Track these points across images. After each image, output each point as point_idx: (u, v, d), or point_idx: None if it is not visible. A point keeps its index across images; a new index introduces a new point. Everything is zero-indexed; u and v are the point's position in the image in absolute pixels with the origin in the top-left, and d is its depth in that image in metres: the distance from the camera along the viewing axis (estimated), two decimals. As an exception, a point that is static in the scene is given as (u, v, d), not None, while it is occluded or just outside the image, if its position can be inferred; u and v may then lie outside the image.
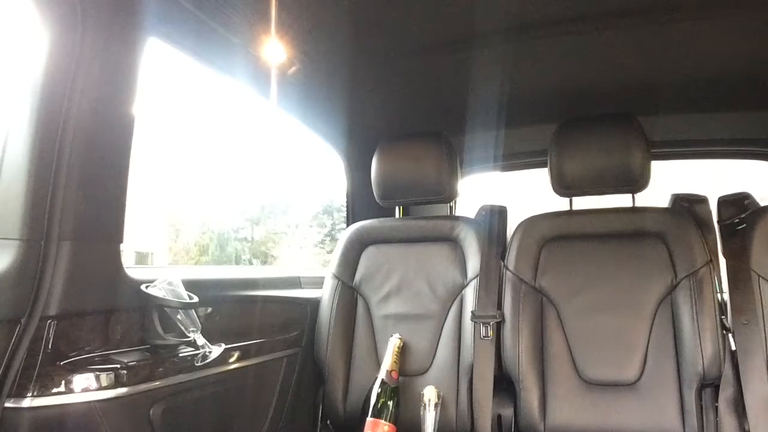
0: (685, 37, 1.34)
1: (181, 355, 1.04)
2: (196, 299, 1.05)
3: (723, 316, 1.27)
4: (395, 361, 1.32)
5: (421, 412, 1.24)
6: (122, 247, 0.98)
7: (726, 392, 1.19)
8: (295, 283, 1.61)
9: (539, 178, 1.86)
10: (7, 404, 0.80)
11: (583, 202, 1.45)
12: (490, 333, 1.34)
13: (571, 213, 1.46)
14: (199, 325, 1.07)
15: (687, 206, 1.42)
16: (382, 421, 1.25)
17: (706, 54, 1.42)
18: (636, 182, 1.36)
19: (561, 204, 1.48)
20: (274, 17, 1.18)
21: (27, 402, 0.81)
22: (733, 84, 1.57)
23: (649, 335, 1.28)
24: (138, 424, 0.94)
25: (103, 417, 0.87)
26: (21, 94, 0.85)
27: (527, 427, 1.30)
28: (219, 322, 1.19)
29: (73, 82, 0.86)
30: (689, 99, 1.68)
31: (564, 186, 1.42)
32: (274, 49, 1.30)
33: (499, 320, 1.35)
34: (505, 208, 1.58)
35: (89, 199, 0.90)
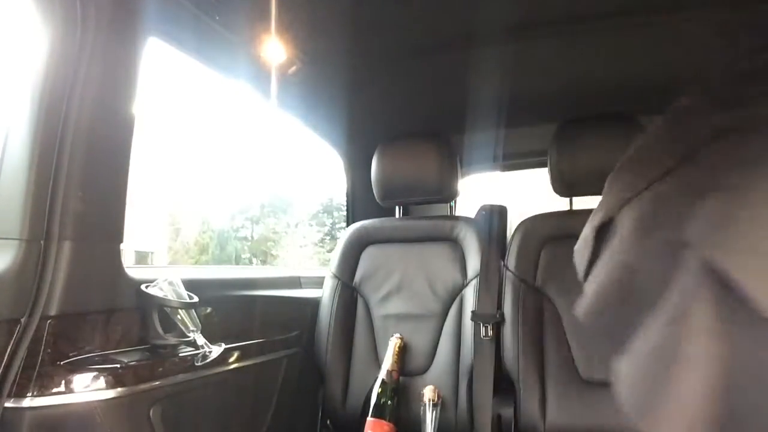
0: (686, 37, 1.34)
1: (181, 355, 1.04)
2: (196, 299, 1.05)
3: None
4: (396, 361, 1.32)
5: (421, 412, 1.25)
6: (122, 246, 0.98)
7: None
8: (295, 283, 1.61)
9: (539, 178, 1.86)
10: (7, 404, 0.80)
11: (583, 202, 1.45)
12: (490, 333, 1.34)
13: (571, 213, 1.45)
14: (199, 325, 1.06)
15: None
16: (383, 421, 1.25)
17: (707, 53, 1.42)
18: None
19: (561, 204, 1.48)
20: (274, 17, 1.18)
21: (27, 402, 0.81)
22: None
23: None
24: (138, 424, 0.94)
25: (103, 417, 0.87)
26: (21, 94, 0.85)
27: (527, 427, 1.30)
28: (219, 322, 1.19)
29: (73, 82, 0.86)
30: None
31: (564, 186, 1.42)
32: (274, 48, 1.30)
33: (499, 320, 1.35)
34: (505, 208, 1.58)
35: (89, 199, 0.89)
